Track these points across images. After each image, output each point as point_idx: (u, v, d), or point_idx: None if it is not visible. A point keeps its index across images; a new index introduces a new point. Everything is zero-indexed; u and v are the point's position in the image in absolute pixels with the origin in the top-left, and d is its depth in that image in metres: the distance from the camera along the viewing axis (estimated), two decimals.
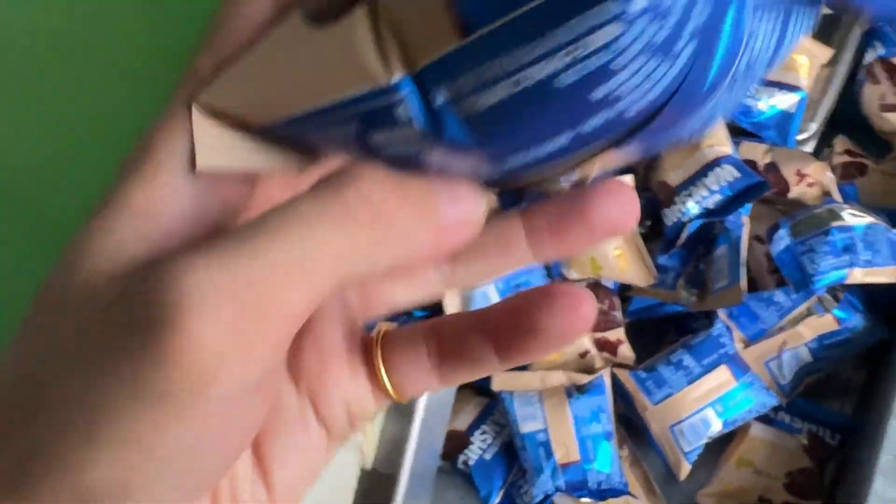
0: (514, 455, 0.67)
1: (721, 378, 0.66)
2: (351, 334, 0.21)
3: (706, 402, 0.66)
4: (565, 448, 0.64)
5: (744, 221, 0.66)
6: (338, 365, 0.20)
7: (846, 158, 0.75)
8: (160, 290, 0.15)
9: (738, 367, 0.66)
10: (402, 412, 0.56)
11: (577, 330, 0.19)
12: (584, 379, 0.66)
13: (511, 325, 0.20)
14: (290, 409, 0.20)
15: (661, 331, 0.72)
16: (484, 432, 0.68)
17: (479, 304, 0.72)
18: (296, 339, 0.17)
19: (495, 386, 0.66)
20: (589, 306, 0.19)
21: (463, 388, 0.70)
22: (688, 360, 0.67)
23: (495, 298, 0.72)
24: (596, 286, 0.70)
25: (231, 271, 0.15)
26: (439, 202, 0.16)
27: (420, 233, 0.16)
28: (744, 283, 0.61)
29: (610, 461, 0.65)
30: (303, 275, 0.15)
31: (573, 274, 0.71)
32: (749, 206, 0.67)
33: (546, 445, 0.64)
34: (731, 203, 0.67)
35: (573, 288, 0.19)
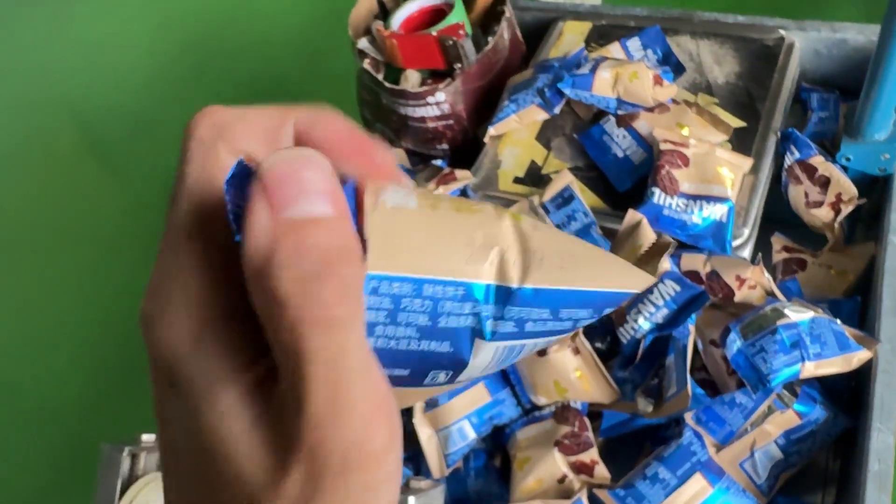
0: None
1: (697, 486, 0.67)
2: None
3: None
4: None
5: (690, 330, 0.69)
6: None
7: (785, 255, 0.79)
8: None
9: (713, 472, 0.68)
10: None
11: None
12: None
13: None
14: None
15: (638, 443, 0.74)
16: None
17: (456, 440, 0.75)
18: None
19: None
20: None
21: None
22: (663, 473, 0.68)
23: (472, 434, 0.75)
24: (564, 409, 0.73)
25: None
26: None
27: None
28: (689, 388, 0.64)
29: None
30: None
31: (541, 400, 0.73)
32: (694, 315, 0.70)
33: None
34: (679, 315, 0.71)
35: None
